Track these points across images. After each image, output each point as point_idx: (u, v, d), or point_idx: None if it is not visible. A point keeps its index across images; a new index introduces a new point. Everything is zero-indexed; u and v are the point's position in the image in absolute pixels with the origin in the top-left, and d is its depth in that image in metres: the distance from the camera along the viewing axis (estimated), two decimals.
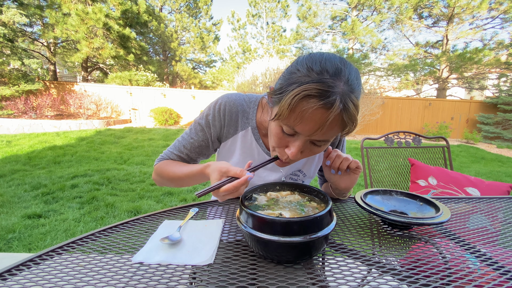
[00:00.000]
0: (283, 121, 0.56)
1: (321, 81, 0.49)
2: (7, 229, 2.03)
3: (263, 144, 0.81)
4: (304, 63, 0.54)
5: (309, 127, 0.53)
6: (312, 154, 0.63)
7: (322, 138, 0.56)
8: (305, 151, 0.61)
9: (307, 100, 0.50)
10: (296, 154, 0.59)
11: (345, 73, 0.51)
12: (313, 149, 0.61)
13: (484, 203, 0.85)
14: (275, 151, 0.65)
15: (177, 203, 2.77)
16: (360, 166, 0.71)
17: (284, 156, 0.63)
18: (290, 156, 0.59)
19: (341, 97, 0.50)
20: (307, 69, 0.52)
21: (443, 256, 0.54)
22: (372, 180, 1.68)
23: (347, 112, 0.51)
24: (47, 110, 8.49)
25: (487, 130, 9.49)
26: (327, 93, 0.49)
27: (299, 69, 0.53)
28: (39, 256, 0.51)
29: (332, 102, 0.49)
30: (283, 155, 0.63)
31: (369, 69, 13.85)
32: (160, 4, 17.30)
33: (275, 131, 0.60)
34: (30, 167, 3.78)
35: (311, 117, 0.51)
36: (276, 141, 0.62)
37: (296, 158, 0.61)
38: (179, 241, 0.56)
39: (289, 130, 0.57)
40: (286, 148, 0.61)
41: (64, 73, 20.30)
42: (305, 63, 0.53)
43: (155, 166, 0.83)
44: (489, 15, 11.67)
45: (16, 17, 8.40)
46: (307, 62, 0.53)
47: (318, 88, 0.49)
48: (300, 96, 0.50)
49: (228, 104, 0.77)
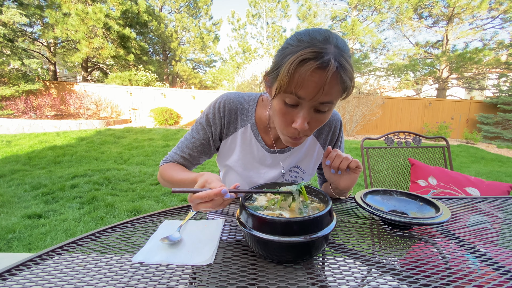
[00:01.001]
0: (285, 90, 0.57)
1: (313, 45, 0.54)
2: (7, 229, 2.03)
3: (262, 140, 0.82)
4: (294, 38, 0.58)
5: (310, 89, 0.55)
6: (318, 125, 0.64)
7: (325, 99, 0.57)
8: (311, 121, 0.61)
9: (303, 64, 0.53)
10: (303, 124, 0.59)
11: (333, 39, 0.55)
12: (318, 117, 0.61)
13: (484, 203, 0.85)
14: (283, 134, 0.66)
15: (177, 203, 2.77)
16: (360, 166, 0.71)
17: (293, 133, 0.63)
18: (299, 128, 0.60)
19: (335, 57, 0.54)
20: (298, 41, 0.56)
21: (443, 256, 0.54)
22: (372, 180, 1.68)
23: (344, 69, 0.55)
24: (47, 110, 8.49)
25: (487, 130, 9.49)
26: (321, 54, 0.53)
27: (290, 43, 0.58)
28: (39, 256, 0.51)
29: (327, 61, 0.53)
30: (292, 133, 0.63)
31: (369, 69, 13.85)
32: (160, 4, 17.30)
33: (278, 108, 0.62)
34: (30, 167, 3.78)
35: (311, 79, 0.54)
36: (281, 119, 0.63)
37: (304, 129, 0.60)
38: (179, 241, 0.56)
39: (292, 99, 0.58)
40: (292, 123, 0.62)
41: (64, 73, 20.30)
42: (294, 37, 0.58)
43: (160, 167, 0.85)
44: (489, 15, 11.67)
45: (16, 17, 8.40)
46: (296, 36, 0.58)
47: (312, 51, 0.53)
48: (297, 61, 0.53)
49: (227, 102, 0.79)
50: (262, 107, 0.82)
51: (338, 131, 0.88)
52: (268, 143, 0.83)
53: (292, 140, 0.67)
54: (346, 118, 8.96)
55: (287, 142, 0.68)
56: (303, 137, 0.66)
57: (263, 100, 0.82)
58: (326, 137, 0.87)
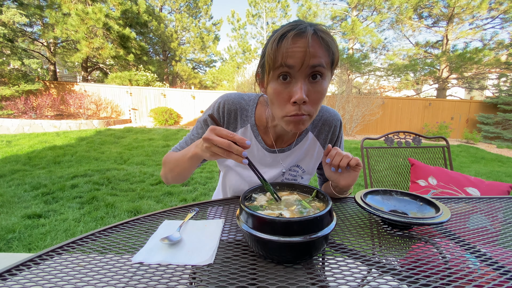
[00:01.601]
0: (274, 66, 0.61)
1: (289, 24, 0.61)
2: (7, 229, 2.03)
3: (262, 141, 0.82)
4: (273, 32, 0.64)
5: (297, 54, 0.58)
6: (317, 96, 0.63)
7: (315, 62, 0.59)
8: (309, 93, 0.62)
9: (284, 36, 0.59)
10: (301, 94, 0.60)
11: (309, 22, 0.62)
12: (315, 88, 0.62)
13: (484, 203, 0.85)
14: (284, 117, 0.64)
15: (177, 203, 2.77)
16: (360, 163, 0.71)
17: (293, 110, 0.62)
18: (298, 99, 0.60)
19: (310, 25, 0.60)
20: (275, 31, 0.63)
21: (443, 256, 0.54)
22: (372, 180, 1.68)
23: (322, 32, 0.60)
24: (47, 110, 8.49)
25: (487, 130, 9.49)
26: (297, 25, 0.59)
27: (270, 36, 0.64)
28: (39, 256, 0.51)
29: (304, 28, 0.59)
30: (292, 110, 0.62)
31: (369, 69, 13.85)
32: (160, 4, 17.29)
33: (274, 89, 0.64)
34: (30, 167, 3.78)
35: (294, 46, 0.58)
36: (279, 99, 0.64)
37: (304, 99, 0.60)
38: (179, 241, 0.56)
39: (284, 71, 0.60)
40: (291, 99, 0.62)
41: (64, 73, 20.29)
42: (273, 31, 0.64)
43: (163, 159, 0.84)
44: (489, 15, 11.66)
45: (16, 17, 8.40)
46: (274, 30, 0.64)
47: (288, 26, 0.60)
48: (277, 37, 0.59)
49: (227, 103, 0.80)
50: (261, 108, 0.82)
51: (338, 131, 0.88)
52: (268, 143, 0.83)
53: (294, 118, 0.63)
54: (346, 118, 8.96)
55: (289, 124, 0.65)
56: (306, 116, 0.63)
57: (263, 101, 0.84)
58: (326, 136, 0.88)
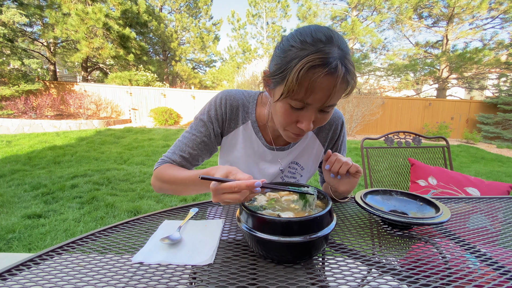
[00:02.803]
0: (292, 96, 0.57)
1: (319, 50, 0.53)
2: (7, 229, 2.03)
3: (262, 137, 0.82)
4: (296, 39, 0.56)
5: (320, 95, 0.55)
6: (322, 123, 0.65)
7: (332, 102, 0.58)
8: (316, 120, 0.63)
9: (312, 71, 0.53)
10: (309, 125, 0.61)
11: (335, 39, 0.55)
12: (322, 116, 0.63)
13: (484, 203, 0.85)
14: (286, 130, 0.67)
15: (177, 203, 2.77)
16: (360, 170, 0.70)
17: (296, 130, 0.64)
18: (305, 129, 0.61)
19: (341, 61, 0.54)
20: (301, 43, 0.55)
21: (443, 256, 0.54)
22: (372, 180, 1.68)
23: (349, 72, 0.55)
24: (47, 110, 8.48)
25: (487, 130, 9.49)
26: (329, 59, 0.52)
27: (293, 45, 0.56)
28: (39, 256, 0.51)
29: (335, 67, 0.53)
30: (295, 130, 0.65)
31: (369, 69, 13.84)
32: (160, 4, 17.29)
33: (283, 110, 0.62)
34: (30, 167, 3.78)
35: (321, 86, 0.54)
36: (286, 119, 0.63)
37: (310, 129, 0.62)
38: (179, 241, 0.56)
39: (299, 104, 0.58)
40: (297, 123, 0.63)
41: (64, 73, 20.29)
42: (297, 38, 0.56)
43: (155, 170, 0.77)
44: (489, 15, 11.66)
45: (16, 17, 8.40)
46: (298, 37, 0.56)
47: (319, 57, 0.52)
48: (306, 68, 0.52)
49: (228, 98, 0.79)
50: (261, 105, 0.82)
51: (339, 130, 0.88)
52: (268, 140, 0.84)
53: (295, 136, 0.67)
54: (346, 118, 8.96)
55: (289, 138, 0.69)
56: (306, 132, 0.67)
57: (262, 98, 0.83)
58: (327, 135, 0.87)
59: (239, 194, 0.50)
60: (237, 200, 0.51)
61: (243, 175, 0.53)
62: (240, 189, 0.49)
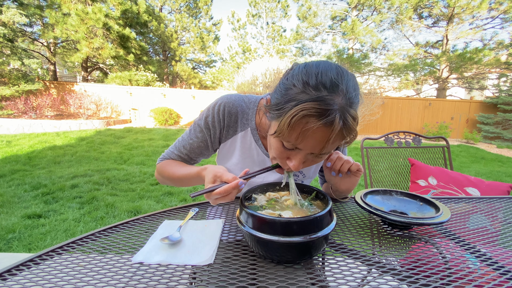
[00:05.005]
0: (284, 138, 0.55)
1: (318, 99, 0.48)
2: (7, 229, 2.03)
3: (262, 145, 0.81)
4: (300, 78, 0.52)
5: (310, 144, 0.53)
6: (313, 164, 0.63)
7: (324, 151, 0.56)
8: (306, 161, 0.61)
9: (306, 120, 0.49)
10: (298, 166, 0.59)
11: (342, 86, 0.50)
12: (314, 159, 0.61)
13: (484, 203, 0.85)
14: (275, 159, 0.65)
15: (177, 203, 2.77)
16: (361, 169, 0.70)
17: (285, 166, 0.63)
18: (293, 168, 0.60)
19: (341, 114, 0.49)
20: (303, 84, 0.51)
21: (443, 256, 0.54)
22: (372, 180, 1.68)
23: (347, 127, 0.51)
24: (47, 110, 8.48)
25: (487, 130, 9.49)
26: (326, 111, 0.48)
27: (295, 84, 0.52)
28: (39, 256, 0.51)
29: (332, 120, 0.48)
30: (284, 165, 0.63)
31: (369, 69, 13.84)
32: (160, 4, 17.29)
33: (275, 145, 0.60)
34: (30, 167, 3.78)
35: (312, 136, 0.51)
36: (277, 154, 0.61)
37: (299, 169, 0.61)
38: (179, 241, 0.56)
39: (290, 145, 0.57)
40: (287, 159, 0.61)
41: (64, 73, 20.30)
42: (300, 77, 0.52)
43: (157, 165, 0.86)
44: (489, 15, 11.68)
45: (16, 17, 8.40)
46: (302, 76, 0.52)
47: (316, 108, 0.48)
48: (299, 116, 0.49)
49: (227, 105, 0.77)
50: (262, 112, 0.80)
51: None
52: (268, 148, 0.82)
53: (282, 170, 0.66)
54: None
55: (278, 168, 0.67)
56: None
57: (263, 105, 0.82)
58: None
59: (228, 196, 0.57)
60: (229, 200, 0.58)
61: (228, 176, 0.57)
62: (228, 192, 0.55)
